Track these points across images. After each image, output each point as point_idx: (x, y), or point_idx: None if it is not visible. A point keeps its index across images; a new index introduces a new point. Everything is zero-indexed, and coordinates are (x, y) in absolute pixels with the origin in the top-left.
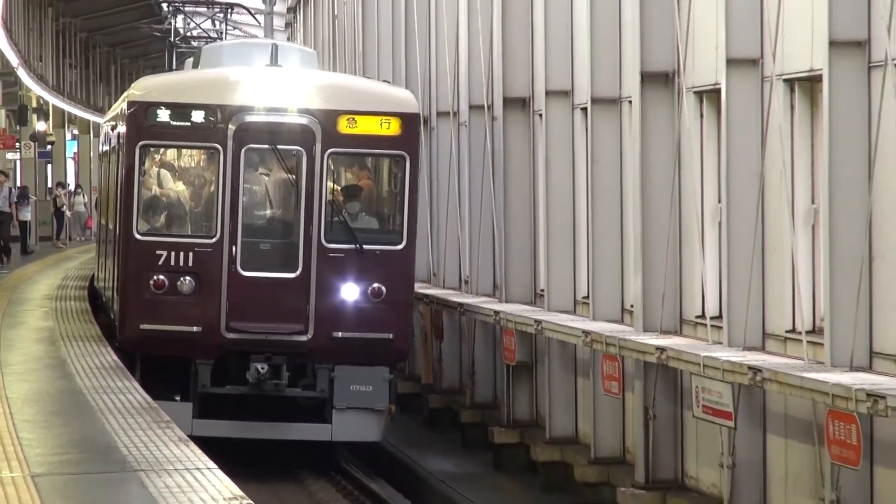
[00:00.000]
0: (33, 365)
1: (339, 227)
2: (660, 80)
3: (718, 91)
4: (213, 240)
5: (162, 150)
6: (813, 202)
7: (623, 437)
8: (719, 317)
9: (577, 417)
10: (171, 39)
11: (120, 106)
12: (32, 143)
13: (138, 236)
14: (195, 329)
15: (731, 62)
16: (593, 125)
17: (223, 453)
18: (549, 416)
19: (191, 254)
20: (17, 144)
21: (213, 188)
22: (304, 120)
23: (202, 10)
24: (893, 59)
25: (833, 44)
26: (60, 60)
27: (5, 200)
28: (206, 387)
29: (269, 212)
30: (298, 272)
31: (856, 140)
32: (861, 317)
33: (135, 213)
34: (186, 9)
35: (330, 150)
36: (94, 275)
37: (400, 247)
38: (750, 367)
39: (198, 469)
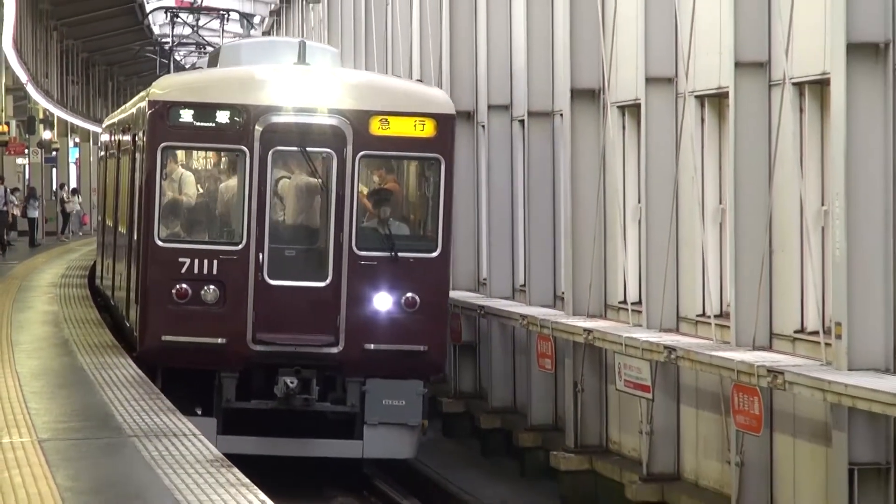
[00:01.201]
0: (40, 344)
1: (371, 234)
2: (587, 96)
3: (639, 106)
4: (239, 247)
5: (184, 152)
6: (720, 203)
7: (555, 408)
8: (639, 302)
9: (514, 390)
10: (171, 43)
11: (136, 105)
12: (39, 150)
13: (159, 243)
14: (220, 341)
15: (649, 80)
16: (529, 135)
17: (243, 464)
18: (490, 389)
19: (215, 261)
20: (26, 151)
21: (238, 192)
22: (334, 121)
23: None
24: (790, 79)
25: (738, 64)
26: (64, 77)
27: (1, 200)
28: (230, 401)
29: (297, 217)
30: (328, 281)
31: (757, 149)
32: (762, 303)
33: (156, 218)
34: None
35: (362, 153)
36: (93, 267)
37: (435, 254)
38: (665, 347)
39: (184, 435)
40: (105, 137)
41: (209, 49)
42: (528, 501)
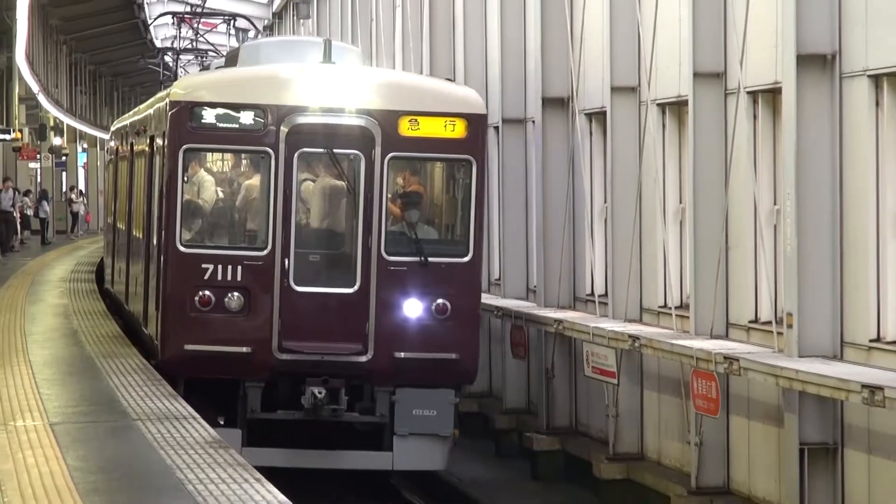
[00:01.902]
0: (51, 335)
1: (401, 238)
2: (557, 104)
3: (604, 113)
4: (264, 252)
5: (207, 154)
6: (680, 202)
7: (528, 392)
8: (605, 295)
9: (491, 376)
10: (177, 49)
11: (154, 106)
12: (50, 155)
13: (181, 248)
14: (244, 350)
15: (614, 89)
16: (504, 140)
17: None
18: None
19: (239, 267)
20: (38, 156)
21: (263, 196)
22: (362, 121)
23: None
24: (745, 88)
25: (697, 75)
26: (73, 88)
27: (10, 202)
28: (255, 412)
29: (323, 222)
30: (356, 287)
31: (714, 153)
32: (719, 295)
33: (177, 223)
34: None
35: (391, 155)
36: (100, 263)
37: (466, 259)
38: (630, 336)
39: (185, 418)
40: (115, 141)
41: (211, 55)
42: (503, 478)
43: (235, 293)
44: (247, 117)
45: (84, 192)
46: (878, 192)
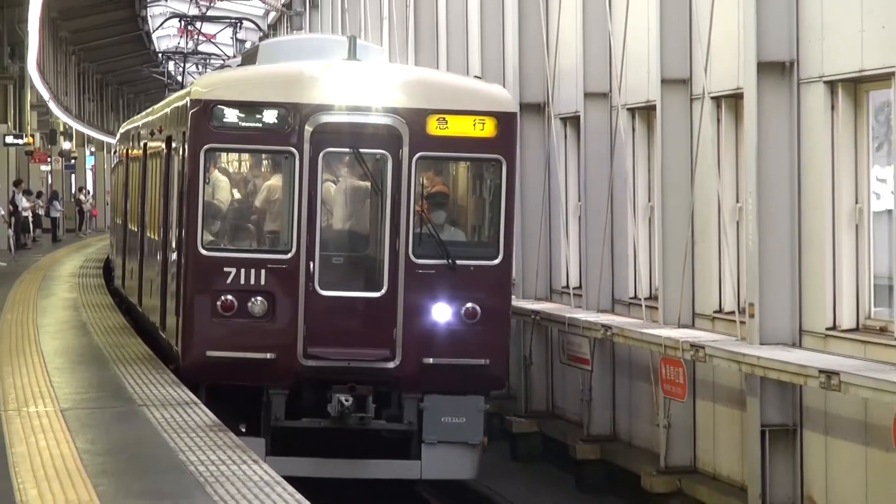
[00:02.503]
0: (61, 326)
1: (429, 240)
2: (534, 109)
3: (578, 117)
4: (289, 255)
5: (229, 154)
6: (649, 200)
7: (508, 379)
8: (579, 287)
9: None
10: (184, 51)
11: (171, 105)
12: (60, 158)
13: (203, 252)
14: (268, 356)
15: (587, 95)
16: None
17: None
18: None
19: (263, 271)
20: (49, 159)
21: (287, 197)
22: (389, 120)
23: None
24: (709, 93)
25: (664, 81)
26: (81, 95)
27: (16, 203)
28: (279, 420)
29: (350, 224)
30: (384, 291)
31: (681, 154)
32: (685, 287)
33: (199, 225)
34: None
35: (419, 154)
36: (107, 260)
37: (496, 261)
38: (603, 325)
39: (186, 404)
40: (125, 142)
41: (213, 60)
42: (485, 459)
43: (259, 297)
44: (270, 116)
45: (92, 192)
46: (833, 191)
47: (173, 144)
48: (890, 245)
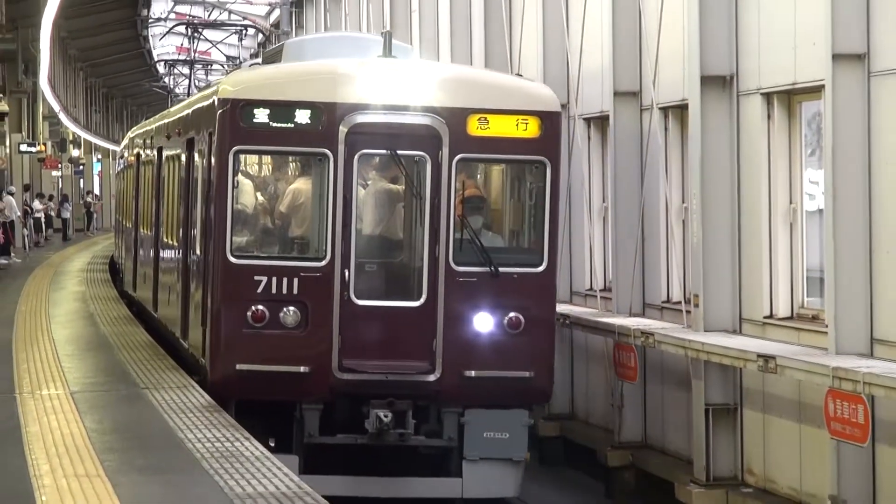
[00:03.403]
0: (71, 316)
1: (470, 247)
2: None
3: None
4: (323, 263)
5: (259, 156)
6: (604, 201)
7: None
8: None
9: None
10: (192, 60)
11: (194, 107)
12: (70, 165)
13: (232, 259)
14: (302, 369)
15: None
16: None
17: None
18: None
19: (296, 279)
20: (59, 165)
21: (321, 202)
22: (428, 120)
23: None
24: (658, 105)
25: (616, 93)
26: (88, 107)
27: (18, 207)
28: (313, 436)
29: (386, 229)
30: (423, 300)
31: (632, 159)
32: (636, 279)
33: (227, 231)
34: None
35: (459, 156)
36: (112, 258)
37: (540, 269)
38: (562, 315)
39: (185, 387)
40: (135, 146)
41: (216, 68)
42: None
43: (291, 307)
44: (303, 116)
45: (99, 195)
46: (770, 192)
47: (196, 146)
48: (821, 241)
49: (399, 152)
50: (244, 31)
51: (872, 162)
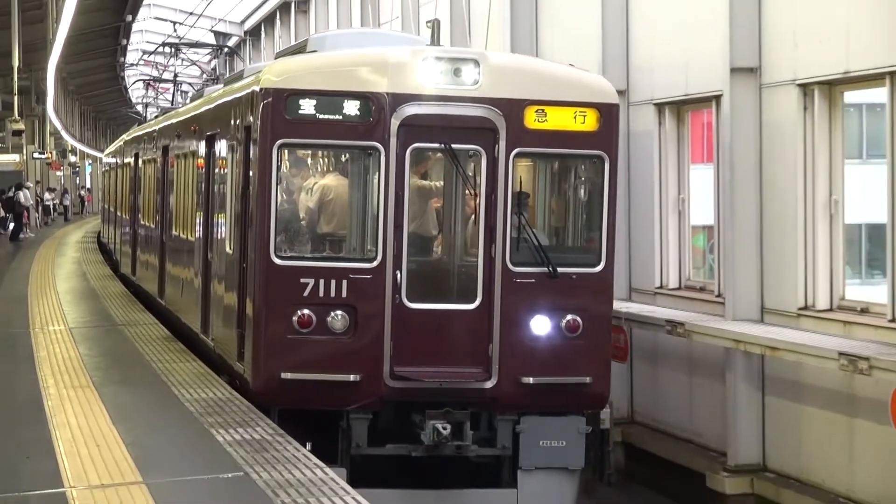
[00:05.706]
0: (70, 275)
1: (526, 246)
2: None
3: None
4: (374, 264)
5: (304, 150)
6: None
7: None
8: None
9: None
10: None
11: (224, 98)
12: (69, 167)
13: (276, 260)
14: (351, 377)
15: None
16: None
17: None
18: None
19: (344, 282)
20: (62, 168)
21: (371, 199)
22: (483, 112)
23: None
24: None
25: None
26: (82, 127)
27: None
28: (361, 447)
29: (439, 228)
30: (478, 303)
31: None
32: (622, 267)
33: (271, 230)
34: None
35: (516, 150)
36: (98, 235)
37: (598, 269)
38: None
39: (152, 324)
40: (131, 149)
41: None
42: None
43: (340, 312)
44: (351, 107)
45: (90, 189)
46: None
47: (219, 143)
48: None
49: (454, 146)
50: (220, 51)
51: None
